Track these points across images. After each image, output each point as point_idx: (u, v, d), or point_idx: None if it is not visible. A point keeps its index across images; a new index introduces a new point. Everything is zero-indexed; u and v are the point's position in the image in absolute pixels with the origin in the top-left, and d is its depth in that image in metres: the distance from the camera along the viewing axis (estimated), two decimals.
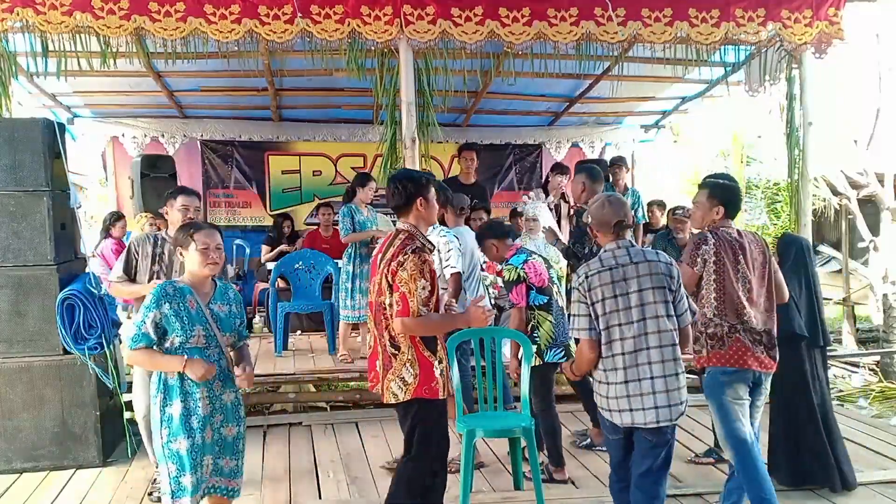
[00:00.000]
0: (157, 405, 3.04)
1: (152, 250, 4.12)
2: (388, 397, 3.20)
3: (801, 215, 6.46)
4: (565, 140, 9.93)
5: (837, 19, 5.91)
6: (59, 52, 5.30)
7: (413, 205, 3.26)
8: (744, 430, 3.45)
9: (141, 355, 3.05)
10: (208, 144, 9.22)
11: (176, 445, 2.98)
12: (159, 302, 3.00)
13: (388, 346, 3.19)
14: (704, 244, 3.57)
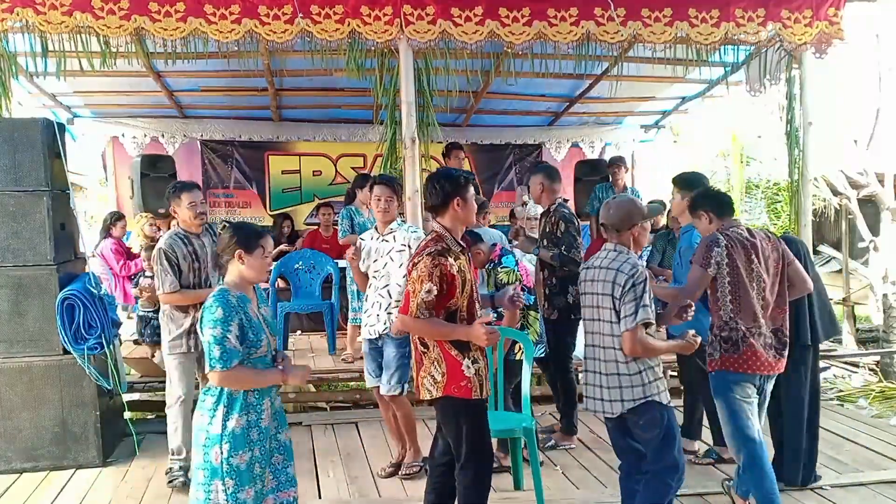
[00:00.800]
0: (217, 419, 2.79)
1: (187, 249, 4.21)
2: (423, 394, 3.22)
3: (801, 215, 6.46)
4: (565, 140, 9.93)
5: (837, 19, 5.91)
6: (59, 52, 5.30)
7: (450, 204, 3.23)
8: (753, 428, 3.50)
9: (238, 374, 2.78)
10: (208, 144, 9.23)
11: (237, 460, 2.79)
12: (232, 313, 2.78)
13: (419, 343, 3.22)
14: (717, 246, 3.56)
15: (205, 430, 2.80)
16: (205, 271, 4.27)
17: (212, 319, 2.76)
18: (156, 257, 4.16)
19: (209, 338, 2.75)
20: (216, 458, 2.77)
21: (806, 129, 6.41)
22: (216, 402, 2.82)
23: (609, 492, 4.18)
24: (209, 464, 2.78)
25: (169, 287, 4.15)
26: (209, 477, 2.78)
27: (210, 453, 2.78)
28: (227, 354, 2.74)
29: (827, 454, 4.72)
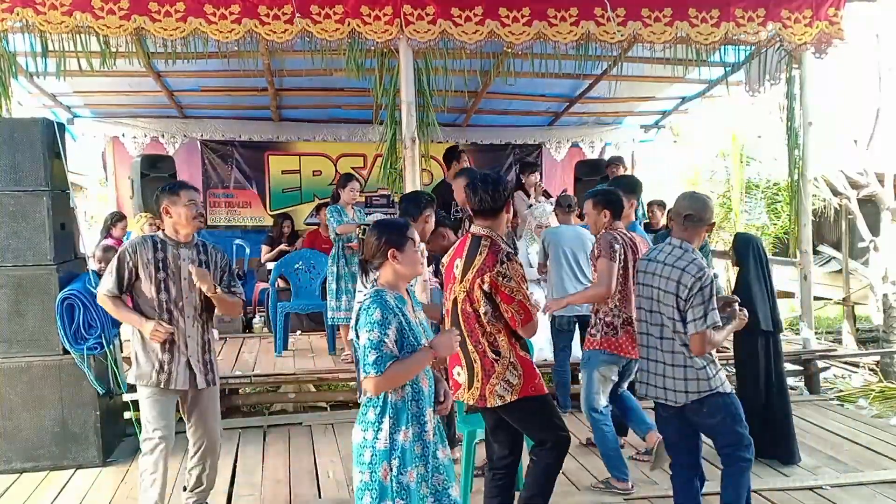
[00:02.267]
0: (383, 433, 2.59)
1: (155, 255, 3.54)
2: (493, 401, 3.16)
3: (801, 215, 6.47)
4: (565, 140, 9.93)
5: (837, 19, 5.91)
6: (59, 52, 5.30)
7: (501, 211, 3.23)
8: (600, 401, 4.19)
9: (391, 373, 2.56)
10: (208, 144, 9.22)
11: (407, 478, 2.58)
12: (391, 315, 2.60)
13: (489, 351, 3.16)
14: (616, 242, 4.13)
15: (370, 446, 2.59)
16: (174, 287, 3.55)
17: (369, 322, 2.57)
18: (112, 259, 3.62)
19: (365, 342, 2.57)
20: (385, 476, 2.57)
21: (806, 129, 6.41)
22: (380, 413, 2.61)
23: (609, 491, 4.19)
24: (377, 483, 2.56)
25: (103, 289, 3.53)
26: (378, 499, 2.56)
27: (378, 471, 2.57)
28: (383, 359, 2.54)
29: (827, 454, 4.73)
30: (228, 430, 5.31)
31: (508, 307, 3.09)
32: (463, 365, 3.24)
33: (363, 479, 2.59)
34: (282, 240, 8.40)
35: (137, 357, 3.57)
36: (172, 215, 3.56)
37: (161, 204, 3.57)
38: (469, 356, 3.20)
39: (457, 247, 3.32)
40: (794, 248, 6.81)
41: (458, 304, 3.20)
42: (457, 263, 3.22)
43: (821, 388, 6.54)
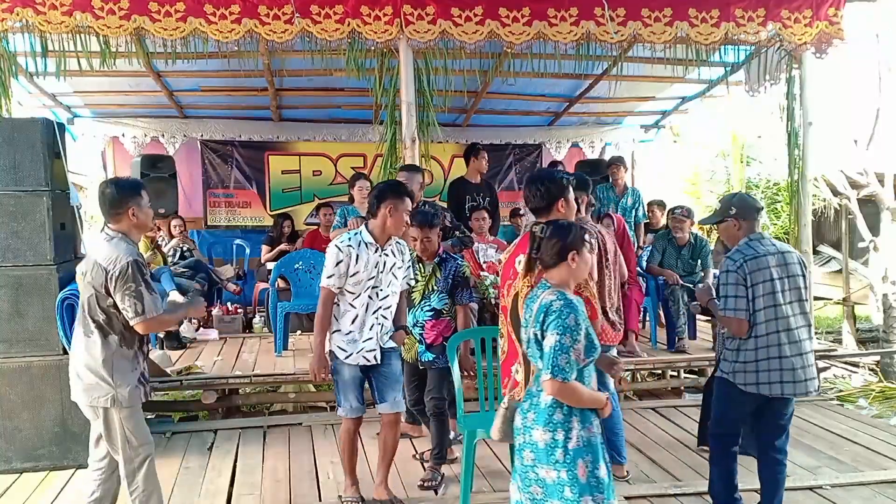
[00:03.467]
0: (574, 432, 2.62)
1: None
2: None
3: (801, 215, 6.47)
4: (565, 140, 9.94)
5: (837, 19, 5.91)
6: (59, 52, 5.31)
7: (555, 206, 3.24)
8: None
9: (575, 389, 2.58)
10: (208, 144, 9.23)
11: (601, 472, 2.62)
12: (582, 320, 2.61)
13: None
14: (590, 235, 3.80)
15: (561, 446, 2.61)
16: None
17: (563, 325, 2.56)
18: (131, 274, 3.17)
19: (555, 344, 2.55)
20: (583, 474, 2.59)
21: (806, 129, 6.41)
22: (568, 413, 2.63)
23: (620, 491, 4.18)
24: (576, 480, 2.59)
25: (157, 308, 3.25)
26: (578, 495, 2.58)
27: (576, 469, 2.60)
28: (571, 366, 2.55)
29: (827, 454, 4.73)
30: (228, 430, 5.32)
31: None
32: (521, 362, 3.15)
33: (558, 476, 2.61)
34: (282, 240, 8.40)
35: (126, 380, 3.25)
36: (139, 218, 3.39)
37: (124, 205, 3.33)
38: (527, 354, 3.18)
39: (518, 243, 3.32)
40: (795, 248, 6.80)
41: (518, 299, 3.12)
42: (519, 259, 3.19)
43: (821, 388, 6.53)
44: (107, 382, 3.23)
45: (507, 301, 3.27)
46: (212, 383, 5.64)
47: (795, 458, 4.64)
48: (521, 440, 2.72)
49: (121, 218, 3.32)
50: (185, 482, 4.39)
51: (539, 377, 2.67)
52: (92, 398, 3.26)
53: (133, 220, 3.35)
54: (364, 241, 3.81)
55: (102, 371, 3.23)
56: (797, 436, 5.06)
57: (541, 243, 2.78)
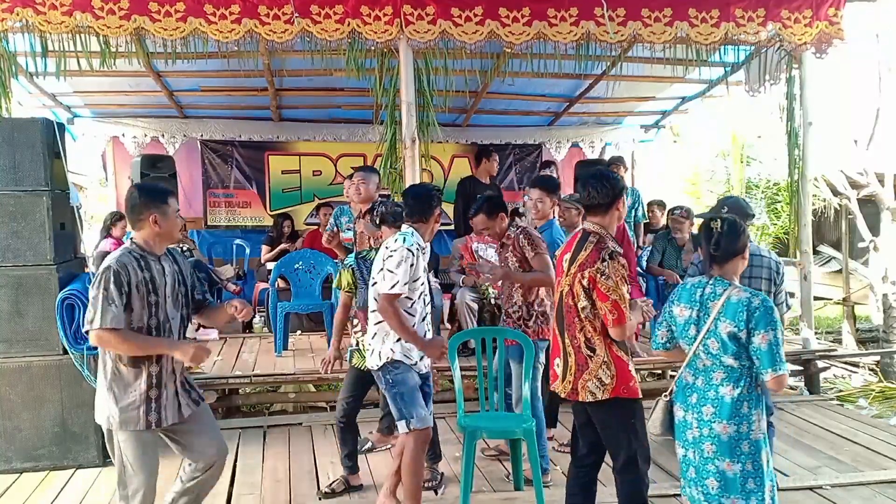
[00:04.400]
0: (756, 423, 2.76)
1: (143, 274, 3.01)
2: (585, 396, 3.17)
3: (801, 215, 6.47)
4: (565, 140, 9.93)
5: (837, 19, 5.92)
6: (59, 52, 5.31)
7: (615, 205, 3.22)
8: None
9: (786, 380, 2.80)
10: (208, 144, 9.23)
11: (772, 461, 2.81)
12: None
13: (584, 347, 3.16)
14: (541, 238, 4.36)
15: (746, 438, 2.75)
16: (163, 310, 3.06)
17: (774, 321, 2.70)
18: (99, 279, 2.92)
19: (773, 340, 2.67)
20: (765, 463, 2.78)
21: (806, 129, 6.42)
22: (752, 407, 2.77)
23: (609, 491, 4.17)
24: (760, 471, 2.76)
25: (110, 321, 2.87)
26: (761, 483, 2.75)
27: (760, 459, 2.76)
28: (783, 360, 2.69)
29: (827, 454, 4.73)
30: (228, 430, 5.31)
31: (602, 304, 3.08)
32: (561, 357, 3.28)
33: (742, 469, 2.74)
34: (282, 240, 8.40)
35: (117, 399, 2.98)
36: (153, 227, 3.05)
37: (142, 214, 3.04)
38: (566, 349, 3.23)
39: (569, 241, 3.34)
40: (794, 248, 6.81)
41: (562, 297, 3.23)
42: (566, 257, 3.24)
43: (821, 388, 6.54)
44: (107, 400, 3.02)
45: (555, 298, 3.33)
46: (212, 383, 5.63)
47: (795, 458, 4.65)
48: (694, 434, 2.83)
49: (142, 225, 3.05)
50: None
51: (708, 372, 2.82)
52: (97, 415, 3.09)
53: (155, 229, 3.06)
54: (419, 244, 3.61)
55: (102, 387, 3.05)
56: (797, 436, 5.07)
57: (719, 238, 2.85)
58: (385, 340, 3.60)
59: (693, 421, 2.85)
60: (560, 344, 3.26)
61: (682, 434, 2.90)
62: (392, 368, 3.59)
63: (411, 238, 3.57)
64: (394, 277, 3.48)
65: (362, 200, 5.02)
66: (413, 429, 3.52)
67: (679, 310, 2.97)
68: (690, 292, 2.93)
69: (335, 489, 4.18)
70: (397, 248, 3.51)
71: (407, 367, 3.61)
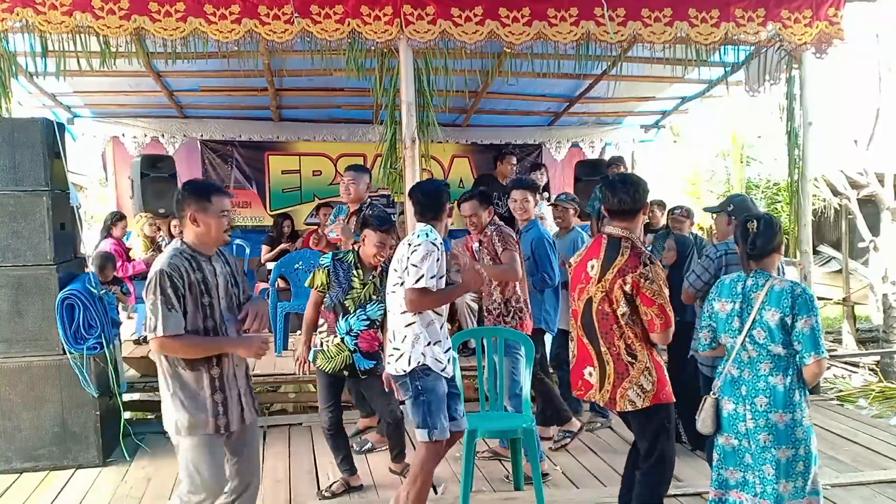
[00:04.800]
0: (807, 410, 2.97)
1: (194, 276, 2.90)
2: (623, 405, 3.15)
3: (801, 215, 6.47)
4: (565, 140, 9.93)
5: (837, 19, 5.91)
6: (59, 52, 5.30)
7: (640, 212, 3.24)
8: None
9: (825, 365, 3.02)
10: (208, 144, 9.23)
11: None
12: None
13: (624, 354, 3.13)
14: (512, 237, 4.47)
15: (800, 424, 2.92)
16: (218, 312, 2.96)
17: (815, 307, 2.88)
18: (153, 284, 2.82)
19: (815, 325, 2.85)
20: (814, 447, 2.97)
21: (806, 129, 6.41)
22: (802, 394, 2.94)
23: (609, 491, 4.18)
24: (810, 454, 2.94)
25: (173, 327, 2.80)
26: (812, 465, 2.95)
27: (810, 444, 2.95)
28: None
29: (827, 454, 4.72)
30: None
31: (648, 310, 3.07)
32: (595, 365, 3.22)
33: (795, 453, 2.92)
34: (282, 240, 8.40)
35: (184, 404, 2.87)
36: (196, 226, 2.94)
37: (184, 211, 2.93)
38: (602, 357, 3.18)
39: (590, 247, 3.31)
40: (794, 248, 6.81)
41: (592, 304, 3.18)
42: (592, 264, 3.21)
43: (821, 388, 6.54)
44: (173, 406, 2.90)
45: (577, 305, 3.27)
46: None
47: None
48: (748, 425, 2.95)
49: (184, 223, 2.96)
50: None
51: (755, 363, 2.95)
52: (164, 421, 2.96)
53: (195, 228, 2.93)
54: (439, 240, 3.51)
55: (167, 393, 2.92)
56: None
57: (756, 238, 3.00)
58: (415, 344, 3.45)
59: (746, 412, 2.95)
60: (592, 352, 3.21)
61: (734, 426, 2.99)
62: (422, 375, 3.44)
63: (433, 233, 3.48)
64: (418, 272, 3.37)
65: (352, 200, 5.03)
66: (434, 440, 3.41)
67: (720, 305, 3.05)
68: (730, 287, 3.04)
69: (335, 491, 4.18)
70: (421, 243, 3.40)
71: (437, 374, 3.47)
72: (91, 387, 4.58)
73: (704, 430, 3.08)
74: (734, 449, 3.02)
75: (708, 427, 3.06)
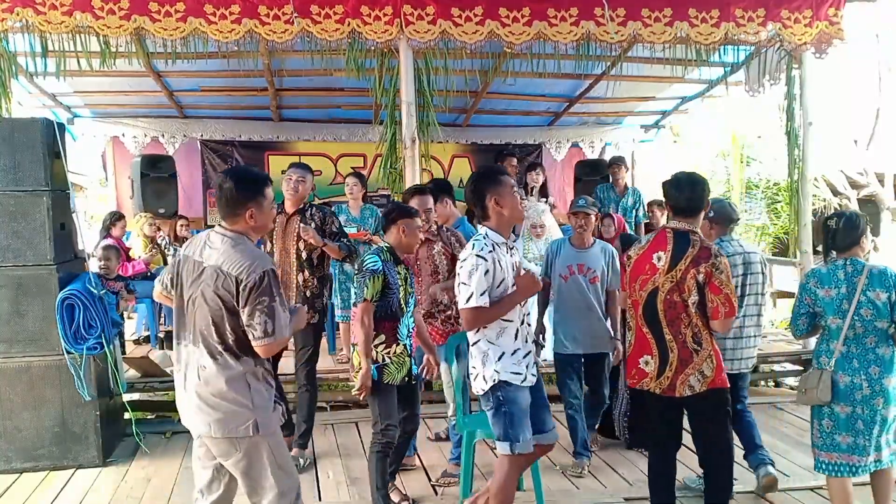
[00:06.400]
0: None
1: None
2: (683, 391, 3.29)
3: (800, 215, 6.48)
4: (565, 140, 9.94)
5: (837, 19, 5.91)
6: (59, 52, 5.31)
7: (703, 210, 3.42)
8: None
9: None
10: (208, 144, 9.23)
11: None
12: None
13: (690, 342, 3.28)
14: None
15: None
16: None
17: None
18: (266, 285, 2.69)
19: None
20: None
21: (806, 129, 6.41)
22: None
23: (609, 492, 4.19)
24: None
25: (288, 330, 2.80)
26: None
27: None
28: None
29: None
30: None
31: (715, 297, 3.23)
32: (654, 354, 3.34)
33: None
34: None
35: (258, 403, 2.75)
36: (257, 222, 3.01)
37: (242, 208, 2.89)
38: (666, 345, 3.30)
39: (652, 240, 3.43)
40: (794, 248, 6.82)
41: (658, 293, 3.31)
42: (659, 255, 3.33)
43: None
44: (246, 407, 2.72)
45: (638, 295, 3.39)
46: None
47: (795, 458, 4.64)
48: (864, 393, 3.33)
49: (237, 220, 2.83)
50: (186, 482, 4.39)
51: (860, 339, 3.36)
52: (229, 429, 2.72)
53: (251, 223, 2.86)
54: (496, 241, 3.19)
55: (239, 395, 2.71)
56: (797, 436, 5.06)
57: (836, 233, 3.43)
58: (486, 363, 3.21)
59: (862, 382, 3.34)
60: (652, 341, 3.34)
61: (850, 396, 3.36)
62: (504, 388, 3.21)
63: (482, 241, 3.17)
64: (468, 289, 3.10)
65: (296, 200, 4.61)
66: (517, 453, 3.21)
67: (825, 292, 3.45)
68: (829, 276, 3.45)
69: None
70: (467, 256, 3.16)
71: (517, 386, 3.22)
72: (84, 389, 4.52)
73: (824, 399, 3.40)
74: (848, 416, 3.37)
75: (826, 396, 3.39)
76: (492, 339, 3.20)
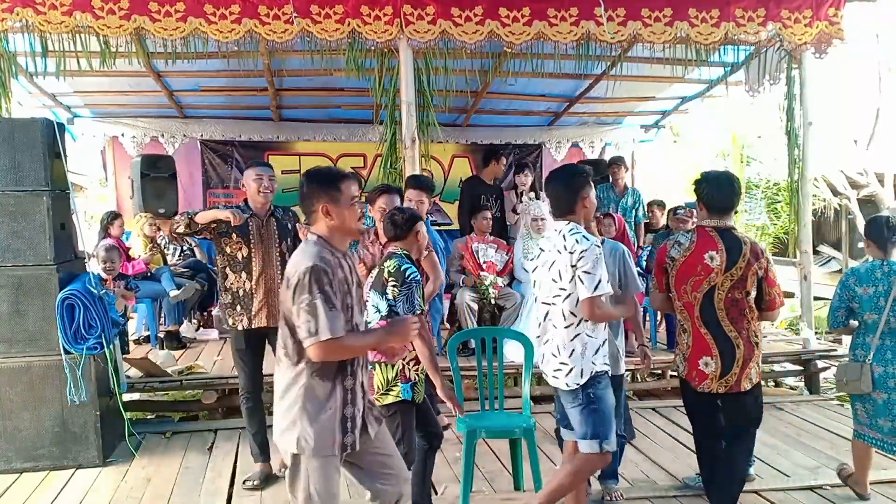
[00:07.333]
0: None
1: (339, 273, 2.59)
2: (745, 385, 3.44)
3: (801, 215, 6.48)
4: (565, 140, 9.94)
5: (837, 19, 5.92)
6: (58, 52, 5.31)
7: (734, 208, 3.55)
8: None
9: None
10: (208, 144, 9.23)
11: None
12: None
13: (752, 336, 3.44)
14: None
15: None
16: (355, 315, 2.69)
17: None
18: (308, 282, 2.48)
19: None
20: None
21: (806, 129, 6.42)
22: None
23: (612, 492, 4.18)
24: None
25: (340, 328, 2.50)
26: None
27: None
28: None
29: (827, 454, 4.72)
30: (228, 430, 5.32)
31: (772, 290, 3.43)
32: (714, 354, 3.44)
33: None
34: None
35: (312, 420, 2.54)
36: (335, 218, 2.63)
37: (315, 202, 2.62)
38: (731, 343, 3.41)
39: (698, 241, 3.47)
40: (794, 248, 6.81)
41: (715, 292, 3.40)
42: (711, 255, 3.40)
43: (821, 388, 6.54)
44: (293, 422, 2.56)
45: (692, 297, 3.44)
46: (212, 383, 5.63)
47: (795, 458, 4.65)
48: None
49: (314, 217, 2.63)
50: (185, 482, 4.39)
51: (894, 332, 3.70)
52: (283, 439, 2.60)
53: (329, 221, 2.62)
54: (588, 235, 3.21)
55: (291, 406, 2.57)
56: (797, 436, 5.07)
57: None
58: (584, 355, 3.18)
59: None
60: (711, 341, 3.43)
61: (885, 383, 3.72)
62: (595, 383, 3.19)
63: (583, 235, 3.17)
64: (593, 279, 3.08)
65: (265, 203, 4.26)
66: (605, 451, 3.20)
67: (864, 289, 3.76)
68: (867, 275, 3.77)
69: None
70: (587, 248, 3.10)
71: (608, 380, 3.24)
72: (76, 393, 4.50)
73: (866, 390, 3.74)
74: (885, 402, 3.76)
75: (868, 386, 3.73)
76: (590, 332, 3.19)
